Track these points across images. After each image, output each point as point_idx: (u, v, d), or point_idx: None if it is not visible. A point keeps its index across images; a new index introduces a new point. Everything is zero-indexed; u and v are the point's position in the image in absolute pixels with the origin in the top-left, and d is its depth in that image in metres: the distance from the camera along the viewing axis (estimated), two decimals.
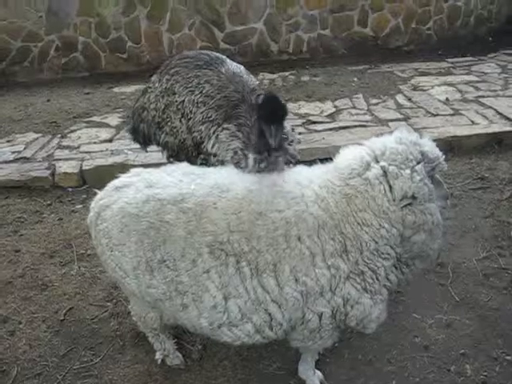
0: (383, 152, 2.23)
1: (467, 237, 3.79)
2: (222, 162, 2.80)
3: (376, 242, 2.20)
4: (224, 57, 3.21)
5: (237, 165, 2.72)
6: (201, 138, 2.92)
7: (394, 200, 2.18)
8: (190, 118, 2.97)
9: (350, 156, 2.32)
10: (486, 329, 3.05)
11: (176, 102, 3.06)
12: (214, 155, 2.84)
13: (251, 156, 2.52)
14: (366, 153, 2.27)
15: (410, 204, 2.18)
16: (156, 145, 3.42)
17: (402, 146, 2.22)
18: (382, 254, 2.23)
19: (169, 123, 3.13)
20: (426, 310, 3.21)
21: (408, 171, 2.17)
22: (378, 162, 2.22)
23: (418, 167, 2.18)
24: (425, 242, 2.26)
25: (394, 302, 3.20)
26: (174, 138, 3.11)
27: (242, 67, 3.17)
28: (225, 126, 2.82)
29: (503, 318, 3.12)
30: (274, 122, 2.34)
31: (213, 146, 2.84)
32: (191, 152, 3.02)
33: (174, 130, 3.10)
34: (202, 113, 2.93)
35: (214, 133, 2.86)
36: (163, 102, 3.16)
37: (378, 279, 2.25)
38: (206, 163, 2.89)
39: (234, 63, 3.18)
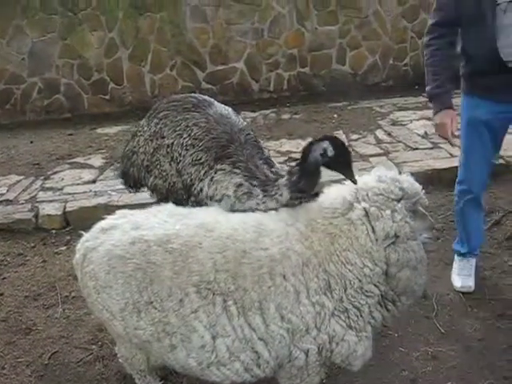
0: (366, 192, 2.27)
1: (450, 268, 3.82)
2: (220, 201, 2.77)
3: (360, 281, 2.23)
4: (212, 99, 3.23)
5: (242, 196, 2.69)
6: (191, 180, 2.91)
7: (376, 240, 2.22)
8: (180, 161, 2.97)
9: (333, 195, 2.37)
10: (471, 360, 3.06)
11: (165, 145, 3.06)
12: (211, 198, 2.81)
13: (286, 193, 2.54)
14: (349, 193, 2.31)
15: (392, 243, 2.22)
16: (146, 188, 3.41)
17: (383, 185, 2.27)
18: (366, 291, 2.26)
19: (158, 166, 3.13)
20: (412, 342, 3.22)
21: (388, 212, 2.21)
22: (359, 202, 2.26)
23: (398, 206, 2.22)
24: (410, 278, 2.29)
25: (381, 336, 3.21)
26: (164, 182, 3.11)
27: (230, 109, 3.20)
28: (218, 167, 2.80)
29: (489, 349, 3.13)
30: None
31: (208, 188, 2.82)
32: (181, 195, 3.02)
33: (164, 174, 3.09)
34: (191, 155, 2.93)
35: (204, 174, 2.84)
36: (152, 146, 3.16)
37: (362, 316, 2.28)
38: (196, 206, 2.87)
39: (222, 105, 3.20)
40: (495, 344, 3.17)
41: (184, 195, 3.01)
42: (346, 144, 2.51)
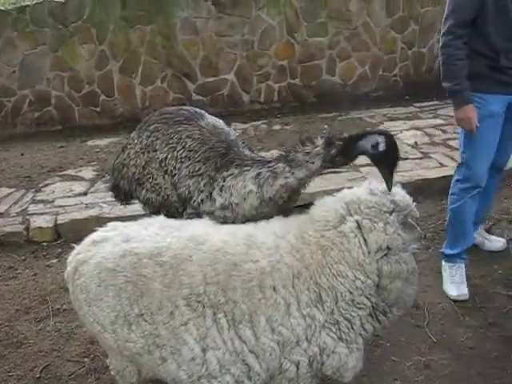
0: (358, 205, 2.29)
1: (441, 277, 3.84)
2: (243, 202, 2.71)
3: (351, 293, 2.25)
4: (203, 111, 3.23)
5: (267, 180, 2.65)
6: (189, 192, 2.89)
7: (369, 253, 2.23)
8: (175, 175, 2.95)
9: (324, 208, 2.38)
10: (463, 368, 3.08)
11: (158, 158, 3.05)
12: (226, 207, 2.75)
13: (319, 162, 2.56)
14: (340, 205, 2.33)
15: (385, 255, 2.23)
16: (138, 201, 3.39)
17: (375, 198, 2.29)
18: (358, 304, 2.27)
19: (150, 180, 3.10)
20: (404, 351, 3.23)
21: (381, 224, 2.23)
22: (352, 215, 2.28)
23: (390, 219, 2.24)
24: (401, 289, 2.31)
25: (373, 346, 3.22)
26: (157, 195, 3.08)
27: (221, 121, 3.21)
28: (225, 174, 2.77)
29: (480, 357, 3.15)
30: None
31: (221, 198, 2.76)
32: (175, 208, 2.99)
33: (157, 187, 3.07)
34: (187, 167, 2.90)
35: (205, 186, 2.81)
36: (144, 159, 3.14)
37: (353, 328, 2.29)
38: (194, 218, 2.84)
39: (214, 117, 3.21)
40: (486, 352, 3.19)
41: (179, 208, 2.99)
42: None
